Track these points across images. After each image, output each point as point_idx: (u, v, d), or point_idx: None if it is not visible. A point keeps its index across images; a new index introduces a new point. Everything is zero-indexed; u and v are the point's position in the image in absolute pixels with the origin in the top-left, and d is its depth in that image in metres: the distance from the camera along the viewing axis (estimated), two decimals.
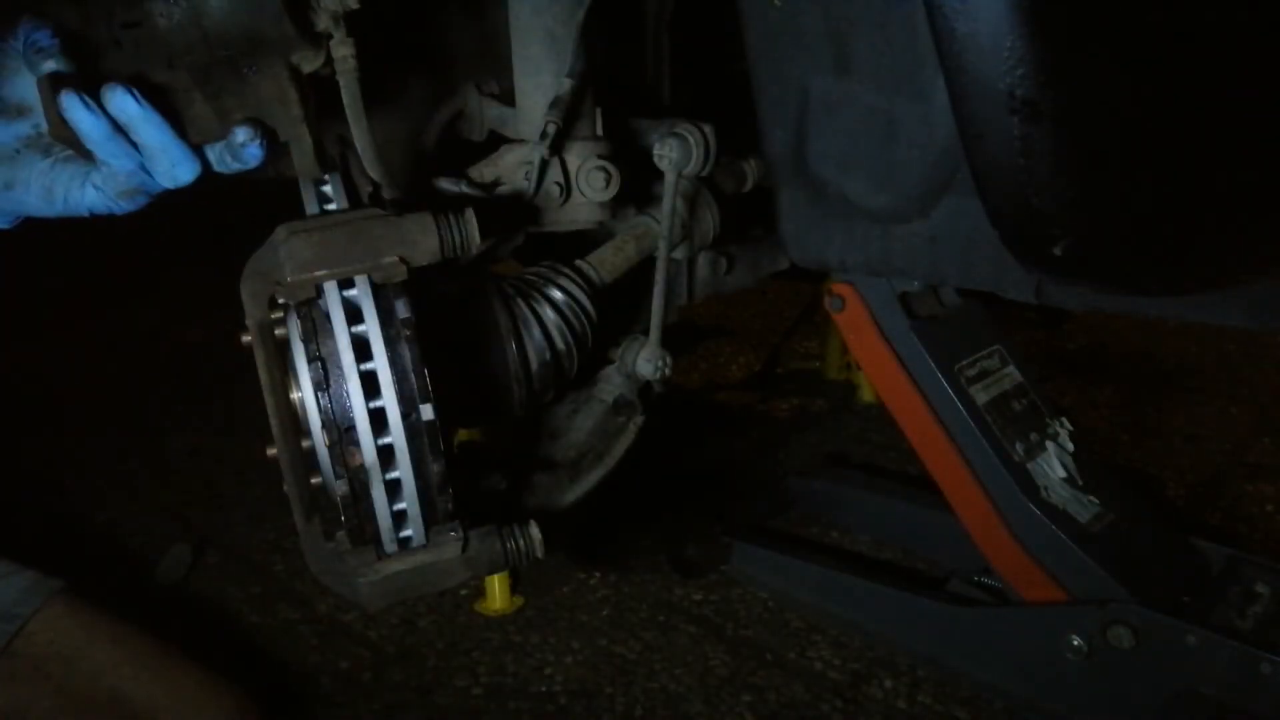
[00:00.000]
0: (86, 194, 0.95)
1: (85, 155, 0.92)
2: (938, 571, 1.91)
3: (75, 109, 0.87)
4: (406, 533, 0.95)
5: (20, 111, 0.94)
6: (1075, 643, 1.50)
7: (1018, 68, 0.84)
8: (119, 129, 0.90)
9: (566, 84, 1.19)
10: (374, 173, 1.10)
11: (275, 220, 0.93)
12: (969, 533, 1.62)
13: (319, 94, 1.02)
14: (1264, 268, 1.07)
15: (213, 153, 0.97)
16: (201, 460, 2.52)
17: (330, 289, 0.90)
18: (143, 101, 0.89)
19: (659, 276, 1.25)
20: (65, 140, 0.91)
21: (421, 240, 0.93)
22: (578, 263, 1.25)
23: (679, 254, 1.40)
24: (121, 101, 0.89)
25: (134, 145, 0.91)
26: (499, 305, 1.12)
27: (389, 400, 0.90)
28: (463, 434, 1.44)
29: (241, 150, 0.94)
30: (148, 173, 0.93)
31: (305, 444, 0.94)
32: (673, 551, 2.02)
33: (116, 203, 0.96)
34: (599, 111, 1.26)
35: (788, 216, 1.41)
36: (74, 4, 0.91)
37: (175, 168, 0.93)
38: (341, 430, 0.89)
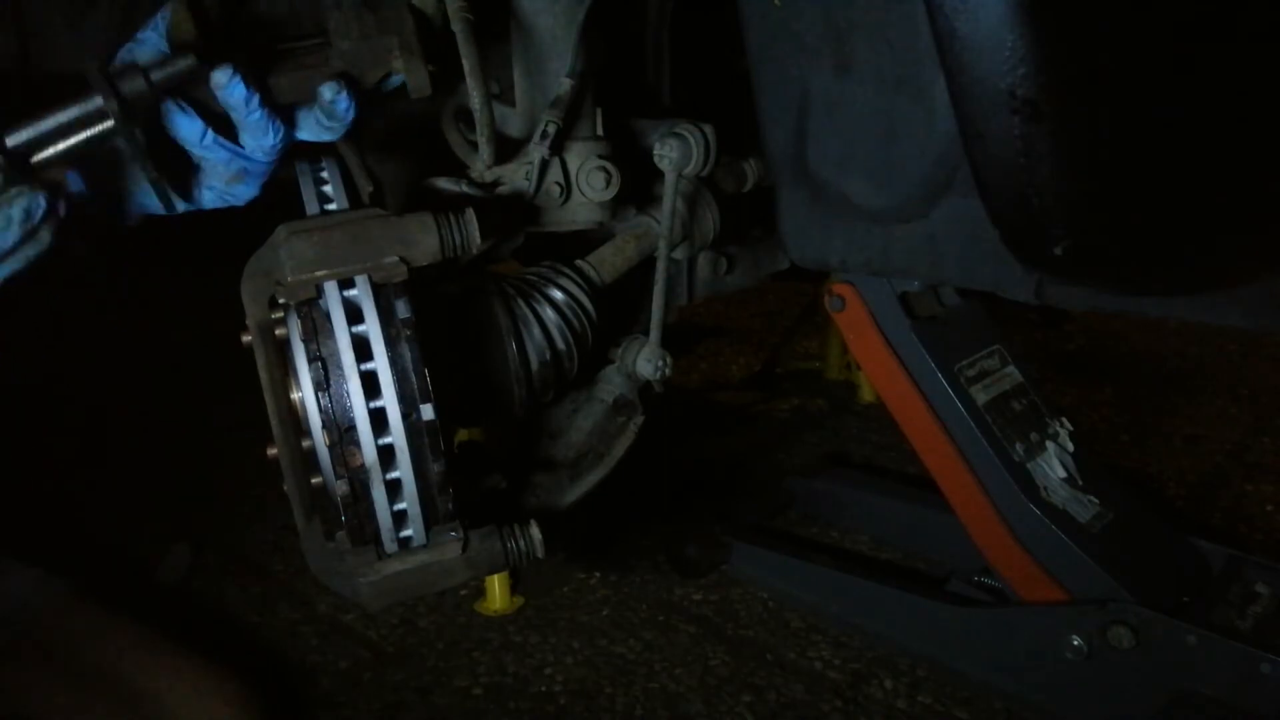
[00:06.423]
0: (204, 195, 0.99)
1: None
2: (938, 571, 1.91)
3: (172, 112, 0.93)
4: (407, 533, 0.95)
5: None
6: (1075, 643, 1.50)
7: (1018, 68, 0.84)
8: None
9: (566, 84, 1.19)
10: (483, 127, 1.11)
11: (275, 221, 0.94)
12: (969, 533, 1.62)
13: None
14: (1264, 268, 1.07)
15: (307, 119, 0.99)
16: (201, 460, 2.52)
17: (330, 289, 0.90)
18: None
19: (659, 276, 1.25)
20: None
21: (422, 240, 0.93)
22: (578, 263, 1.25)
23: (679, 254, 1.40)
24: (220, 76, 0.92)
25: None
26: (499, 305, 1.12)
27: (389, 400, 0.90)
28: (463, 434, 1.44)
29: (333, 106, 0.96)
30: (241, 150, 0.96)
31: (305, 444, 0.94)
32: (673, 551, 2.01)
33: (230, 191, 0.99)
34: (599, 111, 1.26)
35: (788, 216, 1.41)
36: None
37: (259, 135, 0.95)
38: (342, 430, 0.89)
